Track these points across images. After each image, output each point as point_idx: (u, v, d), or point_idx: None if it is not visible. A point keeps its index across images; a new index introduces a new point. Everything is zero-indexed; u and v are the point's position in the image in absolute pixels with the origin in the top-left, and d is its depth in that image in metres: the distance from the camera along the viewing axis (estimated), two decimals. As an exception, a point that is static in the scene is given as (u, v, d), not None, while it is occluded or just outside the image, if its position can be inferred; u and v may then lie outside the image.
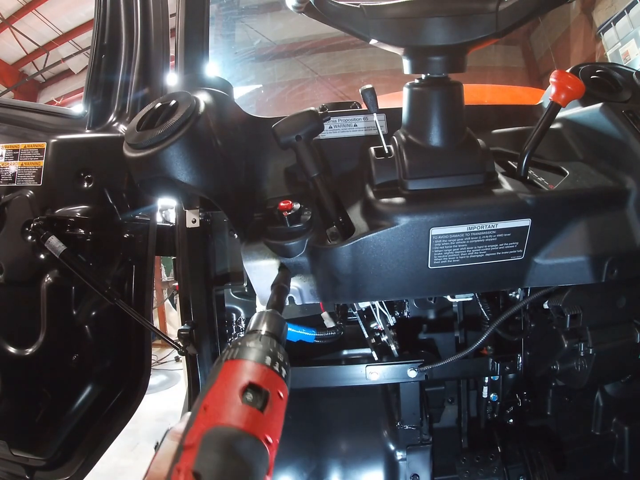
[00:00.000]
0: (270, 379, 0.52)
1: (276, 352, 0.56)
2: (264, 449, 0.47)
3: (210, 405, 0.48)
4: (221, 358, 0.55)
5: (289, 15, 2.94)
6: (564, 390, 1.28)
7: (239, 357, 0.53)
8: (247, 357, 0.53)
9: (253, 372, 0.52)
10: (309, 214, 0.87)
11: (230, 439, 0.45)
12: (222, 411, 0.48)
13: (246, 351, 0.54)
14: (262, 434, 0.47)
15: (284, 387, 0.53)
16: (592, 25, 3.76)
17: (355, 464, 1.36)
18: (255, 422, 0.47)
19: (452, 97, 0.86)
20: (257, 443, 0.46)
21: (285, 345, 0.61)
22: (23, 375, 1.29)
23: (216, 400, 0.49)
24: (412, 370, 1.17)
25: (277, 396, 0.51)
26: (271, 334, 0.60)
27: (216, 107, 0.88)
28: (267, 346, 0.56)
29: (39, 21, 6.84)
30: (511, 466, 1.28)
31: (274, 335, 0.60)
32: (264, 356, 0.54)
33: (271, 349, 0.56)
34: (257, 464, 0.46)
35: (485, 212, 0.82)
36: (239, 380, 0.50)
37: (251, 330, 0.61)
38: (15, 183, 1.27)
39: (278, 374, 0.53)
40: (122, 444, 2.96)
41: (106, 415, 1.34)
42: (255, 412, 0.48)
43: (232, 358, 0.54)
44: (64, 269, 1.19)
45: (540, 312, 1.13)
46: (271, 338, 0.58)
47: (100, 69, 1.33)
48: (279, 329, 0.62)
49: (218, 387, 0.50)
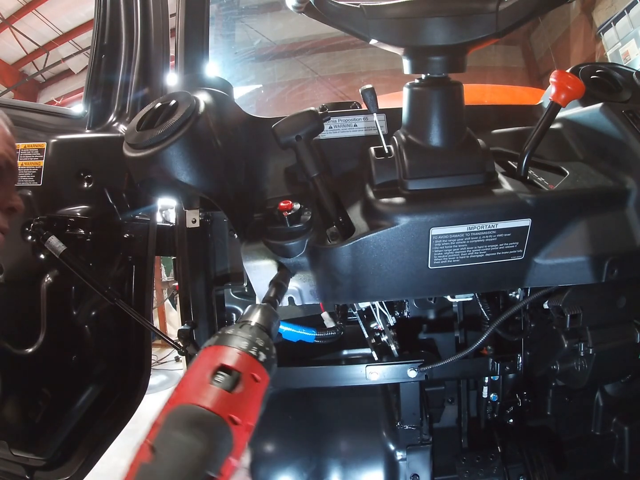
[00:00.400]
0: (244, 361, 0.53)
1: (255, 338, 0.57)
2: (228, 428, 0.47)
3: (180, 387, 0.51)
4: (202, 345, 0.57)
5: (289, 15, 2.94)
6: (564, 390, 1.28)
7: (217, 343, 0.55)
8: (224, 343, 0.55)
9: (227, 355, 0.53)
10: (309, 214, 0.87)
11: (191, 416, 0.47)
12: (189, 391, 0.49)
13: (225, 338, 0.56)
14: (227, 414, 0.48)
15: (261, 370, 0.54)
16: (592, 25, 3.76)
17: (355, 464, 1.35)
18: (221, 401, 0.48)
19: (452, 97, 0.86)
20: (220, 421, 0.47)
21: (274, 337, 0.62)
22: (23, 375, 1.29)
23: (187, 381, 0.51)
24: (412, 370, 1.17)
25: (250, 378, 0.52)
26: (257, 324, 0.61)
27: (216, 107, 0.88)
28: (247, 333, 0.57)
29: (39, 21, 6.84)
30: (511, 466, 1.28)
31: (260, 325, 0.61)
32: (240, 341, 0.55)
33: (250, 335, 0.57)
34: (217, 442, 0.46)
35: (486, 212, 0.82)
36: (212, 363, 0.52)
37: (239, 321, 0.62)
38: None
39: (254, 357, 0.54)
40: (122, 444, 2.95)
41: (106, 415, 1.34)
42: (222, 392, 0.49)
43: (210, 345, 0.56)
44: (64, 269, 1.18)
45: (540, 312, 1.13)
46: (254, 327, 0.60)
47: (100, 69, 1.33)
48: (267, 320, 0.63)
49: (191, 370, 0.52)
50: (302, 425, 1.38)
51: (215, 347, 0.55)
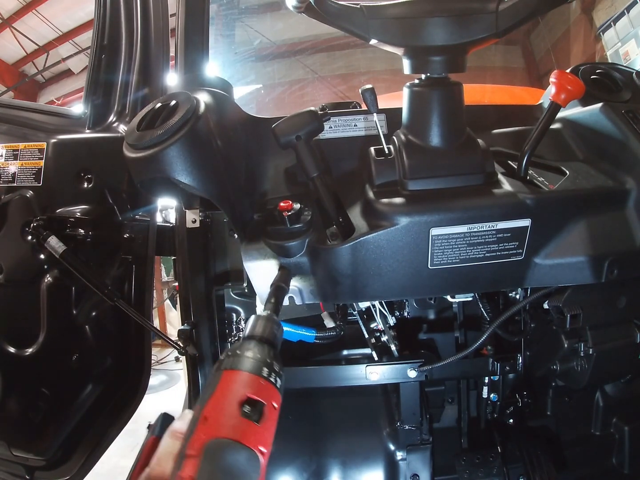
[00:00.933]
0: (265, 390, 0.55)
1: (272, 362, 0.58)
2: (258, 460, 0.51)
3: (210, 417, 0.52)
4: (219, 365, 0.57)
5: (289, 15, 2.93)
6: (564, 390, 1.28)
7: (236, 367, 0.56)
8: (245, 368, 0.56)
9: (250, 384, 0.55)
10: (309, 214, 0.87)
11: (229, 451, 0.49)
12: (221, 423, 0.51)
13: (243, 361, 0.57)
14: (257, 446, 0.51)
15: (278, 398, 0.56)
16: (592, 25, 3.75)
17: (355, 464, 1.35)
18: (252, 434, 0.51)
19: (452, 97, 0.86)
20: (253, 454, 0.50)
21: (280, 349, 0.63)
22: (23, 375, 1.29)
23: (216, 411, 0.52)
24: (412, 370, 1.17)
25: (271, 407, 0.55)
26: (266, 339, 0.62)
27: (216, 107, 0.88)
28: (264, 355, 0.59)
29: (39, 21, 6.83)
30: (511, 466, 1.28)
31: (269, 341, 0.62)
32: (260, 367, 0.57)
33: (268, 358, 0.58)
34: (252, 474, 0.50)
35: (486, 212, 0.82)
36: (237, 392, 0.54)
37: (247, 337, 0.63)
38: (15, 183, 1.27)
39: (273, 385, 0.56)
40: (122, 444, 2.95)
41: (106, 415, 1.34)
42: (252, 425, 0.52)
43: (230, 368, 0.56)
44: (64, 269, 1.18)
45: (540, 312, 1.13)
46: (267, 345, 0.61)
47: (100, 69, 1.33)
48: (273, 334, 0.64)
49: (218, 399, 0.53)
50: (302, 425, 1.38)
51: (235, 373, 0.56)
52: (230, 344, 1.30)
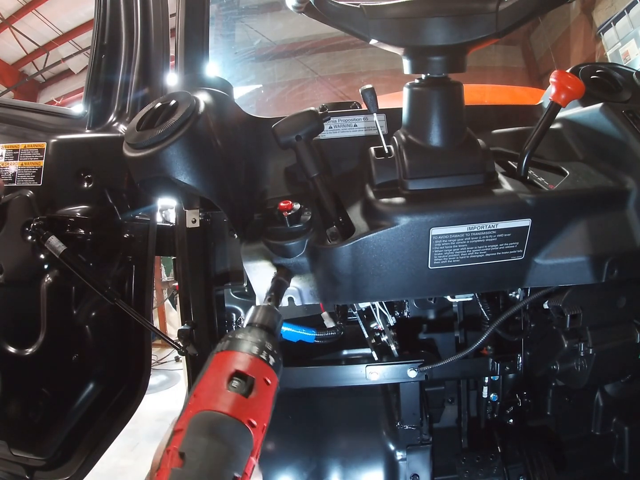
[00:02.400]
0: (256, 366, 0.56)
1: (264, 342, 0.59)
2: (248, 431, 0.50)
3: (199, 393, 0.52)
4: (213, 351, 0.58)
5: (289, 15, 2.94)
6: (564, 390, 1.28)
7: (228, 348, 0.57)
8: (236, 348, 0.57)
9: (240, 361, 0.55)
10: (309, 214, 0.87)
11: (214, 422, 0.49)
12: (208, 398, 0.52)
13: (236, 343, 0.58)
14: (246, 418, 0.51)
15: (271, 374, 0.57)
16: (592, 25, 3.76)
17: (355, 464, 1.35)
18: (239, 406, 0.51)
19: (452, 97, 0.86)
20: (241, 426, 0.50)
21: (279, 337, 0.64)
22: (23, 375, 1.29)
23: (204, 388, 0.53)
24: (412, 370, 1.17)
25: (263, 382, 0.55)
26: (263, 326, 0.63)
27: (216, 107, 0.88)
28: (256, 337, 0.59)
29: (39, 21, 6.83)
30: (511, 466, 1.28)
31: (266, 327, 0.63)
32: (251, 346, 0.57)
33: (259, 339, 0.59)
34: (239, 445, 0.50)
35: (486, 212, 0.82)
36: (226, 369, 0.54)
37: (247, 325, 0.64)
38: (15, 183, 1.27)
39: (265, 362, 0.57)
40: (122, 444, 2.95)
41: (106, 415, 1.34)
42: (239, 397, 0.52)
43: (222, 350, 0.57)
44: (64, 269, 1.18)
45: (540, 312, 1.13)
46: (262, 330, 0.62)
47: (100, 69, 1.33)
48: (271, 321, 0.64)
49: (207, 377, 0.54)
50: (302, 425, 1.38)
51: (227, 353, 0.57)
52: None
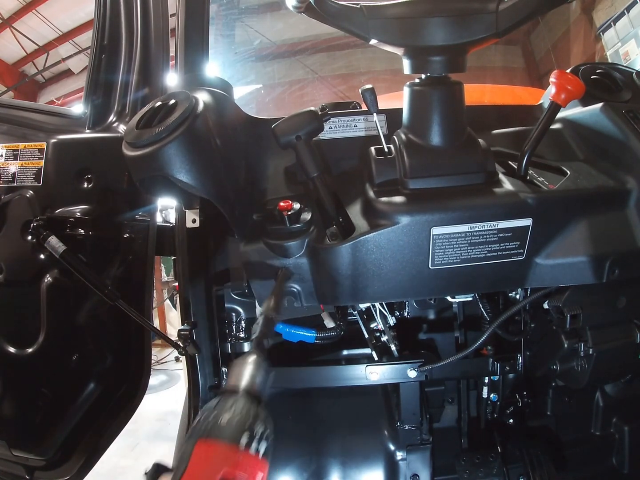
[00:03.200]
0: (246, 463, 0.49)
1: (253, 425, 0.51)
2: None
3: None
4: (193, 432, 0.50)
5: (289, 15, 2.94)
6: (564, 390, 1.28)
7: (212, 435, 0.49)
8: (221, 437, 0.49)
9: (227, 458, 0.48)
10: (308, 214, 0.87)
11: None
12: None
13: (220, 429, 0.50)
14: None
15: (263, 466, 0.50)
16: (592, 25, 3.76)
17: (355, 464, 1.35)
18: None
19: (452, 97, 0.86)
20: None
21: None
22: (23, 375, 1.29)
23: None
24: (412, 370, 1.17)
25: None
26: (250, 392, 0.55)
27: (215, 106, 0.88)
28: (244, 417, 0.51)
29: (39, 21, 6.84)
30: (511, 466, 1.28)
31: (254, 393, 0.55)
32: (239, 434, 0.50)
33: (249, 419, 0.51)
34: None
35: (486, 211, 0.82)
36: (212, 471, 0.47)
37: (230, 389, 0.56)
38: (15, 183, 1.27)
39: (256, 454, 0.50)
40: (122, 444, 2.95)
41: (106, 415, 1.34)
42: None
43: (205, 436, 0.49)
44: (64, 269, 1.18)
45: (540, 312, 1.13)
46: (250, 401, 0.54)
47: (100, 69, 1.33)
48: (260, 382, 0.57)
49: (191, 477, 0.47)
50: (301, 425, 1.37)
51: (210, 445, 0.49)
52: (230, 344, 1.30)
